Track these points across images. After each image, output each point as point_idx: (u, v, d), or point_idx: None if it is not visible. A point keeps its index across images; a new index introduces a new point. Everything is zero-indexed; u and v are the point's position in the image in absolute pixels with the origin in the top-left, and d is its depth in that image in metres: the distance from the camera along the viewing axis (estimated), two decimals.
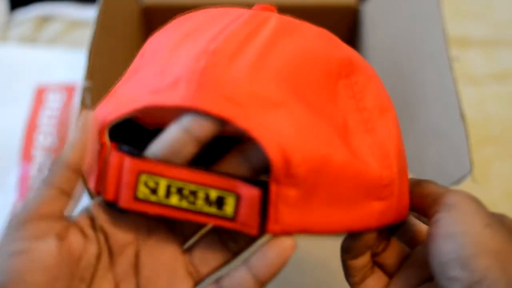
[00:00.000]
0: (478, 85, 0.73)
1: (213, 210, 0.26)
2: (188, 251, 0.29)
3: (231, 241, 0.29)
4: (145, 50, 0.32)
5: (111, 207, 0.28)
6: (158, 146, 0.27)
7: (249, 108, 0.26)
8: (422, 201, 0.30)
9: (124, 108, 0.27)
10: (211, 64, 0.27)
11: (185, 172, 0.26)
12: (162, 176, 0.26)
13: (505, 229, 0.28)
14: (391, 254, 0.33)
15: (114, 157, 0.27)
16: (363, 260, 0.32)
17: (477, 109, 0.71)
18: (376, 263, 0.33)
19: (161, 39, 0.31)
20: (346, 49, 0.31)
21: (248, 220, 0.26)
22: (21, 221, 0.25)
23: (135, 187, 0.26)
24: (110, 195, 0.27)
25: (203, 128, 0.26)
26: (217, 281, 0.28)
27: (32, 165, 0.62)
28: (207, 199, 0.26)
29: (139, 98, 0.28)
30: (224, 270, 0.29)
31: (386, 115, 0.31)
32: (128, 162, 0.26)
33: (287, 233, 0.27)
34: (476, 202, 0.28)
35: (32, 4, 0.78)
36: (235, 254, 0.29)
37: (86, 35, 0.76)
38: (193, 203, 0.26)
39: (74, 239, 0.27)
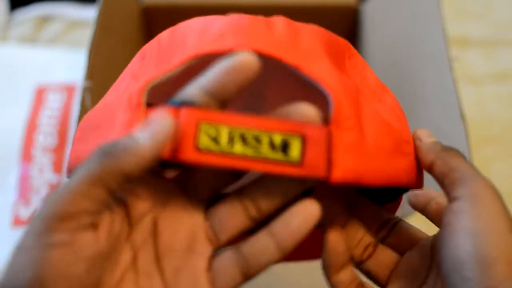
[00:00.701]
0: (478, 85, 0.73)
1: (278, 155, 0.25)
2: (208, 216, 0.28)
3: (252, 207, 0.28)
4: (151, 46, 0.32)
5: (166, 167, 0.27)
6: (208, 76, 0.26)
7: (300, 54, 0.27)
8: (447, 173, 0.28)
9: (169, 66, 0.27)
10: (253, 23, 0.28)
11: (246, 118, 0.26)
12: (223, 123, 0.25)
13: None
14: (379, 261, 0.32)
15: (166, 112, 0.25)
16: (346, 274, 0.31)
17: (477, 109, 0.71)
18: (364, 272, 0.32)
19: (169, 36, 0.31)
20: None
21: (315, 162, 0.25)
22: (59, 213, 0.24)
23: (195, 138, 0.25)
24: (165, 152, 0.25)
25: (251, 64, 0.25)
26: (237, 246, 0.27)
27: (32, 165, 0.62)
28: (271, 144, 0.25)
29: (184, 54, 0.27)
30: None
31: (387, 92, 0.33)
32: (186, 113, 0.25)
33: (345, 181, 0.26)
34: (501, 199, 0.27)
35: (32, 4, 0.78)
36: (255, 220, 0.28)
37: (86, 35, 0.76)
38: (257, 150, 0.25)
39: (106, 222, 0.26)
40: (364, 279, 0.33)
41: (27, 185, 0.61)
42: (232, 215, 0.28)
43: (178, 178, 0.29)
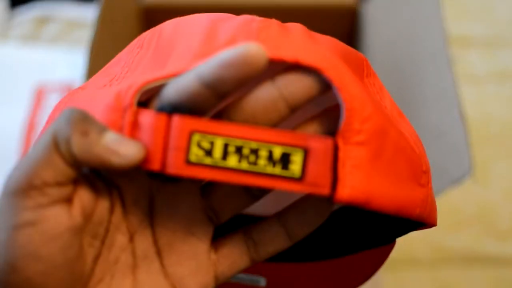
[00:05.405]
0: (478, 85, 0.73)
1: (277, 170, 0.23)
2: (207, 194, 0.27)
3: (256, 188, 0.27)
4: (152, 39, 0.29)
5: (155, 178, 0.25)
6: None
7: (318, 58, 0.24)
8: None
9: (172, 70, 0.24)
10: (264, 26, 0.25)
11: (245, 129, 0.23)
12: (219, 134, 0.23)
13: None
14: None
15: (156, 119, 0.23)
16: None
17: (477, 109, 0.71)
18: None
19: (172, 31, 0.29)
20: None
21: (318, 178, 0.23)
22: (22, 188, 0.22)
23: (186, 150, 0.23)
24: (155, 164, 0.23)
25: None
26: (246, 230, 0.27)
27: None
28: (270, 157, 0.23)
29: (189, 57, 0.25)
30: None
31: (403, 118, 0.30)
32: (177, 121, 0.23)
33: (352, 200, 0.24)
34: None
35: (32, 4, 0.78)
36: (256, 197, 0.27)
37: (86, 35, 0.76)
38: (254, 163, 0.23)
39: (83, 197, 0.24)
40: None
41: None
42: (233, 195, 0.27)
43: None
